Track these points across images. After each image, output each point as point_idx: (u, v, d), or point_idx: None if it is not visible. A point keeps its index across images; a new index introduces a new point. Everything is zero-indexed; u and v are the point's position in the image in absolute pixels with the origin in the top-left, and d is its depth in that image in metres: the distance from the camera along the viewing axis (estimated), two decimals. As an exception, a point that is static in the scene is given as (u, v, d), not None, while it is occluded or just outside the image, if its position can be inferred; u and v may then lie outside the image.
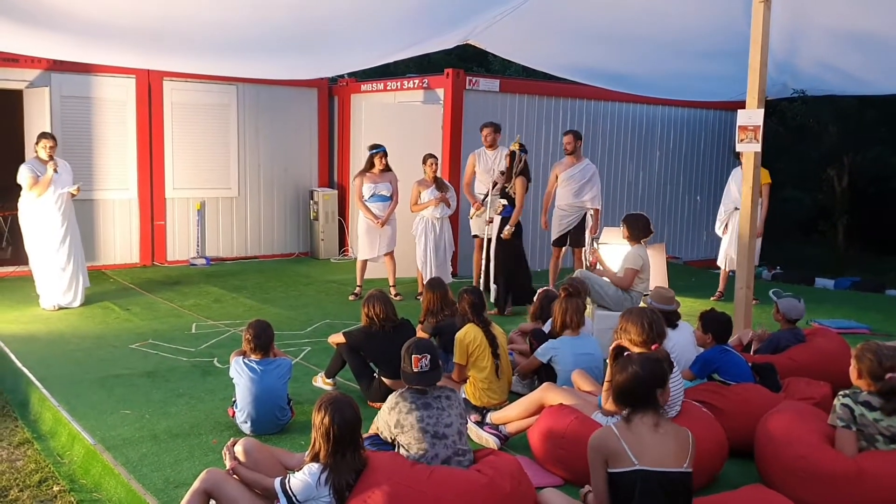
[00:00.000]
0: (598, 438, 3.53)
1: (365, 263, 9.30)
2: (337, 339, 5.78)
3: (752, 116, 6.55)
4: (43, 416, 5.55)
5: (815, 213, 16.28)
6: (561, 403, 4.64)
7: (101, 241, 10.75)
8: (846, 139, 14.76)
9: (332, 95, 12.62)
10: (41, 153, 8.18)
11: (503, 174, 9.03)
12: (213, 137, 11.53)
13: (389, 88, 11.77)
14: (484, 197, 9.15)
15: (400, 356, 4.08)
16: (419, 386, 3.96)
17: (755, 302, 7.82)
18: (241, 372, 4.98)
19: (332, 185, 12.69)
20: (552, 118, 11.74)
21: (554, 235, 9.48)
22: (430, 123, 10.70)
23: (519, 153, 8.59)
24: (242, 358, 5.05)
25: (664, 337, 4.50)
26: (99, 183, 10.60)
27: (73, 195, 8.36)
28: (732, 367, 5.13)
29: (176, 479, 4.33)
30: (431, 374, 3.98)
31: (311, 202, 12.31)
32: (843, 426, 4.04)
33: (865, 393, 4.07)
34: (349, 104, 12.43)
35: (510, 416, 4.89)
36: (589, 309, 6.56)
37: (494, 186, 9.04)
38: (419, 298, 8.55)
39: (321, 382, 5.94)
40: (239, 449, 3.72)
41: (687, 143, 13.53)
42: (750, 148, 6.61)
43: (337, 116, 12.64)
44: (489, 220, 8.70)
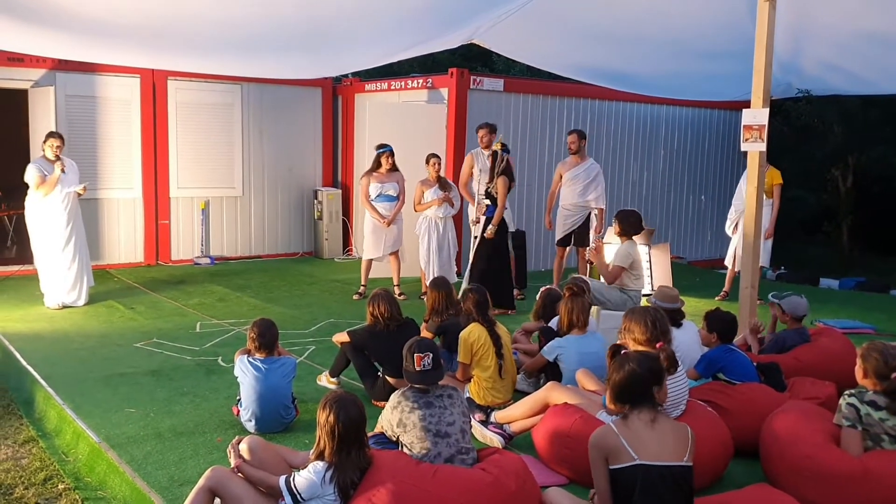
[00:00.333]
0: (597, 437, 3.53)
1: (370, 263, 9.30)
2: (341, 338, 5.78)
3: (756, 116, 6.54)
4: (48, 414, 5.56)
5: (819, 213, 16.24)
6: (565, 402, 4.63)
7: (105, 240, 10.77)
8: (851, 139, 14.73)
9: (336, 95, 12.63)
10: (48, 152, 8.19)
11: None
12: (217, 137, 11.55)
13: (393, 88, 11.78)
14: (484, 197, 9.13)
15: (403, 355, 4.08)
16: (422, 385, 3.96)
17: (759, 302, 7.80)
18: (245, 370, 4.98)
19: (336, 184, 12.69)
20: (556, 118, 11.73)
21: (558, 235, 9.47)
22: (434, 123, 10.70)
23: (501, 153, 8.60)
24: (247, 356, 5.06)
25: (668, 335, 4.48)
26: (103, 182, 10.63)
27: (79, 194, 8.39)
28: (737, 366, 5.12)
29: (180, 477, 4.33)
30: (434, 372, 3.98)
31: (315, 202, 12.32)
32: (848, 425, 4.03)
33: (871, 392, 4.06)
34: (353, 104, 12.44)
35: (514, 415, 4.89)
36: (594, 309, 6.56)
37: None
38: (423, 298, 8.56)
39: (325, 381, 5.94)
40: (244, 447, 3.72)
41: (691, 142, 13.52)
42: (755, 147, 6.60)
43: (341, 116, 12.65)
44: (475, 220, 8.72)
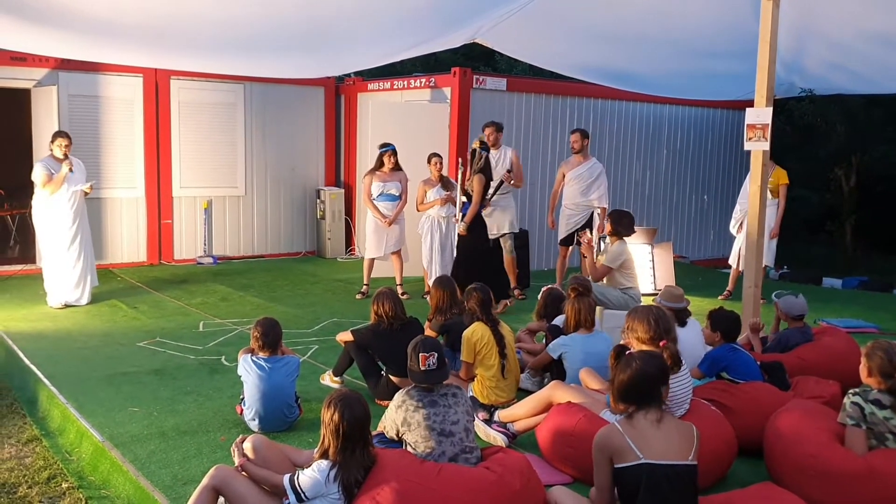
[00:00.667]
0: (602, 437, 3.52)
1: (372, 262, 9.30)
2: (345, 337, 5.78)
3: (760, 115, 6.54)
4: (51, 413, 5.56)
5: (822, 212, 16.23)
6: (569, 401, 4.63)
7: (108, 239, 10.77)
8: (854, 138, 14.70)
9: (338, 94, 12.63)
10: (56, 152, 8.20)
11: (509, 172, 9.03)
12: (220, 136, 11.55)
13: (396, 87, 11.78)
14: (490, 196, 9.13)
15: (407, 354, 4.08)
16: (426, 384, 3.95)
17: (762, 302, 7.79)
18: (249, 370, 4.98)
19: (338, 184, 12.69)
20: (559, 117, 11.72)
21: (561, 234, 9.47)
22: (436, 122, 10.69)
23: (479, 151, 8.61)
24: (250, 356, 5.06)
25: (671, 333, 4.47)
26: (106, 181, 10.62)
27: (86, 193, 8.41)
28: (741, 365, 5.11)
29: (184, 476, 4.33)
30: (438, 372, 3.98)
31: (317, 201, 12.32)
32: (853, 424, 4.02)
33: (876, 391, 4.05)
34: (356, 103, 12.44)
35: (518, 414, 4.88)
36: (598, 309, 6.55)
37: (500, 185, 9.04)
38: (425, 297, 8.56)
39: (329, 380, 5.95)
40: (248, 446, 3.72)
41: (694, 142, 13.51)
42: (758, 146, 6.60)
43: (344, 115, 12.65)
44: (456, 218, 8.71)
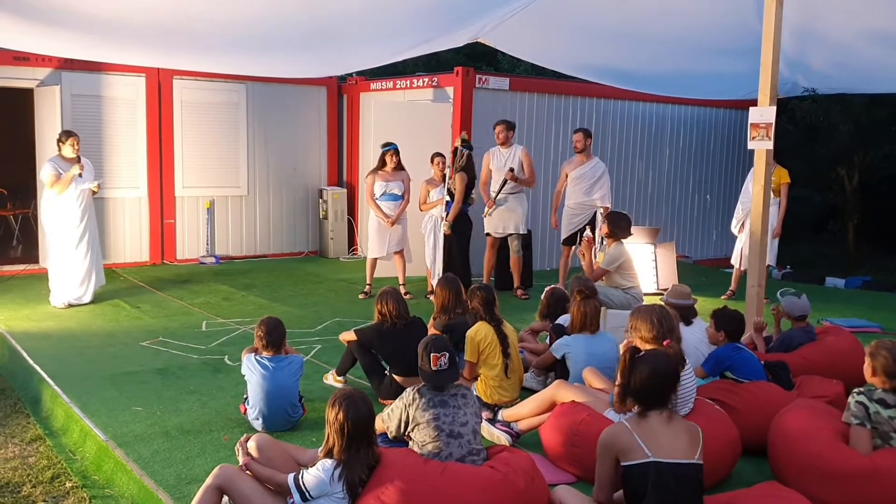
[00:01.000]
0: (610, 435, 3.52)
1: (375, 262, 9.29)
2: (348, 336, 5.77)
3: (763, 114, 6.52)
4: (55, 412, 5.57)
5: (825, 212, 16.23)
6: (573, 401, 4.63)
7: (111, 239, 10.77)
8: (856, 138, 14.70)
9: (341, 94, 12.63)
10: (69, 151, 8.22)
11: (511, 171, 9.03)
12: (222, 136, 11.55)
13: (399, 87, 11.77)
14: (496, 195, 9.14)
15: (411, 353, 4.07)
16: (437, 384, 3.95)
17: (765, 301, 7.78)
18: (252, 369, 4.98)
19: (341, 183, 12.69)
20: (562, 116, 11.72)
21: (564, 234, 9.46)
22: (439, 122, 10.68)
23: (461, 149, 8.61)
24: (254, 355, 5.06)
25: (675, 332, 4.46)
26: (109, 181, 10.61)
27: (93, 192, 8.42)
28: (745, 364, 5.10)
29: (188, 475, 4.33)
30: (449, 372, 3.97)
31: (320, 201, 12.32)
32: (857, 424, 4.02)
33: (880, 390, 4.05)
34: (358, 103, 12.43)
35: (522, 413, 4.88)
36: (602, 310, 6.55)
37: (504, 184, 9.04)
38: (429, 297, 8.56)
39: (332, 380, 5.94)
40: (252, 445, 3.72)
41: (697, 141, 13.50)
42: (762, 145, 6.58)
43: (346, 115, 12.64)
44: (442, 217, 8.71)
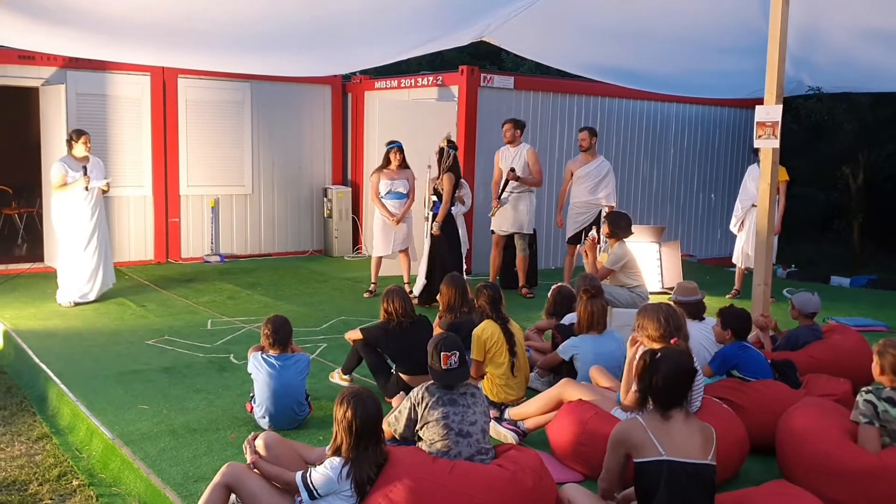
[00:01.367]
0: (623, 430, 3.50)
1: (380, 260, 9.28)
2: (354, 335, 5.77)
3: (770, 112, 6.50)
4: (61, 410, 5.57)
5: (830, 211, 16.21)
6: (580, 399, 4.62)
7: (116, 237, 10.76)
8: (861, 137, 14.68)
9: (345, 93, 12.63)
10: (80, 150, 8.24)
11: (513, 171, 9.02)
12: (227, 135, 11.55)
13: (403, 85, 11.76)
14: (500, 193, 9.14)
15: (417, 352, 4.06)
16: (447, 383, 3.94)
17: (771, 300, 7.78)
18: (259, 367, 4.98)
19: (345, 182, 12.69)
20: (567, 115, 11.70)
21: (569, 233, 9.45)
22: (444, 121, 10.67)
23: (447, 149, 8.60)
24: (261, 353, 5.06)
25: (682, 331, 4.45)
26: (114, 180, 10.53)
27: (103, 191, 8.44)
28: (752, 363, 5.09)
29: (195, 473, 4.33)
30: (459, 371, 3.96)
31: (324, 200, 12.32)
32: (866, 422, 4.01)
33: (888, 389, 4.04)
34: (363, 101, 12.43)
35: (529, 411, 4.87)
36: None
37: (506, 184, 9.04)
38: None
39: (338, 379, 5.95)
40: (260, 443, 3.72)
41: (701, 140, 13.48)
42: (768, 144, 6.56)
43: (350, 114, 12.64)
44: (426, 217, 8.70)
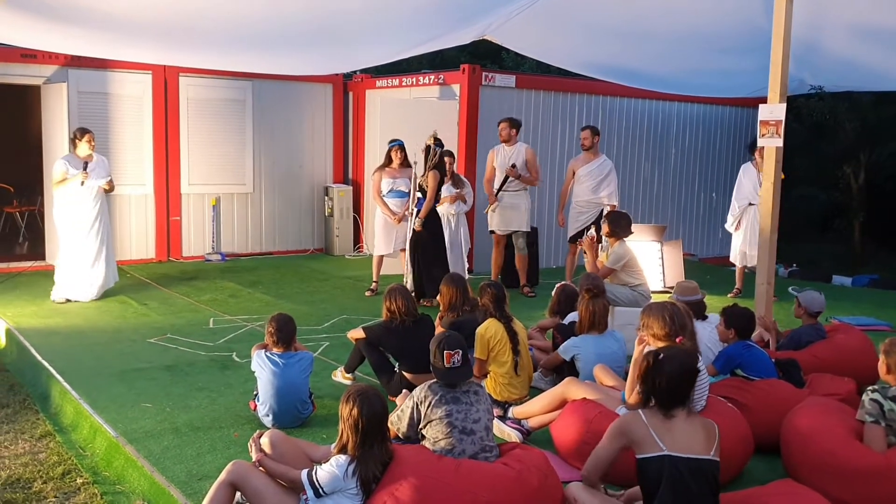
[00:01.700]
0: (625, 423, 3.50)
1: (381, 259, 9.28)
2: (356, 334, 5.76)
3: (773, 111, 6.50)
4: (64, 408, 5.57)
5: (831, 210, 16.21)
6: (584, 398, 4.62)
7: (117, 236, 10.71)
8: (863, 136, 14.68)
9: (346, 91, 12.61)
10: (83, 149, 8.23)
11: (514, 166, 9.03)
12: (228, 133, 11.55)
13: (404, 84, 11.76)
14: (497, 191, 9.13)
15: (420, 350, 4.05)
16: (450, 381, 3.93)
17: (774, 299, 7.78)
18: (263, 365, 4.97)
19: (346, 181, 12.68)
20: (568, 114, 11.70)
21: (570, 232, 9.45)
22: (445, 119, 10.67)
23: (434, 147, 8.60)
24: (265, 351, 5.05)
25: (686, 329, 4.45)
26: (115, 178, 10.46)
27: (105, 190, 8.44)
28: (756, 362, 5.09)
29: (199, 471, 4.33)
30: (463, 369, 3.96)
31: (325, 198, 12.31)
32: (871, 421, 4.00)
33: (894, 388, 4.03)
34: (364, 100, 12.43)
35: (533, 410, 4.87)
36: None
37: (505, 181, 9.04)
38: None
39: (341, 377, 5.95)
40: (265, 441, 3.71)
41: (703, 139, 13.47)
42: (772, 143, 6.55)
43: (352, 112, 12.63)
44: (410, 213, 8.71)
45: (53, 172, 8.31)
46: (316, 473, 3.41)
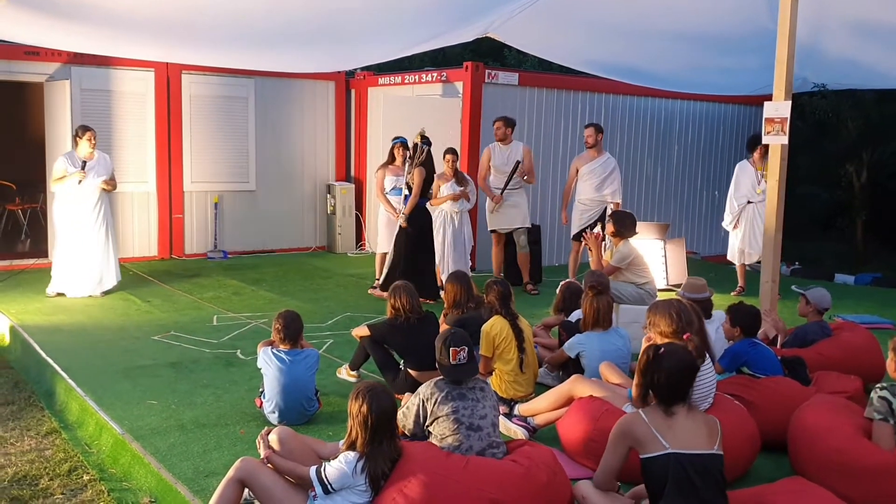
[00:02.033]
0: (625, 424, 3.50)
1: (384, 256, 9.26)
2: (361, 331, 5.76)
3: (779, 108, 6.50)
4: (69, 405, 5.57)
5: (833, 208, 16.20)
6: (591, 395, 4.61)
7: (119, 233, 10.72)
8: (866, 134, 14.66)
9: (349, 89, 12.59)
10: (84, 147, 8.23)
11: (520, 163, 9.02)
12: (230, 131, 11.53)
13: (407, 82, 11.74)
14: (502, 190, 9.13)
15: (425, 348, 4.04)
16: (456, 378, 3.93)
17: (778, 297, 7.77)
18: (269, 362, 4.97)
19: (349, 179, 12.67)
20: (571, 112, 11.69)
21: (574, 230, 9.44)
22: (448, 117, 10.66)
23: (421, 145, 8.60)
24: (271, 348, 5.05)
25: (693, 326, 4.44)
26: (118, 176, 10.47)
27: (105, 190, 8.43)
28: (762, 360, 5.09)
29: (206, 468, 4.33)
30: (468, 366, 3.96)
31: (328, 196, 12.31)
32: (880, 419, 4.00)
33: (902, 386, 4.03)
34: (366, 97, 12.41)
35: (539, 407, 4.87)
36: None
37: (514, 171, 9.03)
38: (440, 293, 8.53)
39: (345, 374, 5.94)
40: (273, 438, 3.71)
41: (705, 137, 13.46)
42: (777, 140, 6.56)
43: (354, 110, 12.62)
44: (397, 211, 8.70)
45: (53, 170, 8.33)
46: (324, 470, 3.41)
